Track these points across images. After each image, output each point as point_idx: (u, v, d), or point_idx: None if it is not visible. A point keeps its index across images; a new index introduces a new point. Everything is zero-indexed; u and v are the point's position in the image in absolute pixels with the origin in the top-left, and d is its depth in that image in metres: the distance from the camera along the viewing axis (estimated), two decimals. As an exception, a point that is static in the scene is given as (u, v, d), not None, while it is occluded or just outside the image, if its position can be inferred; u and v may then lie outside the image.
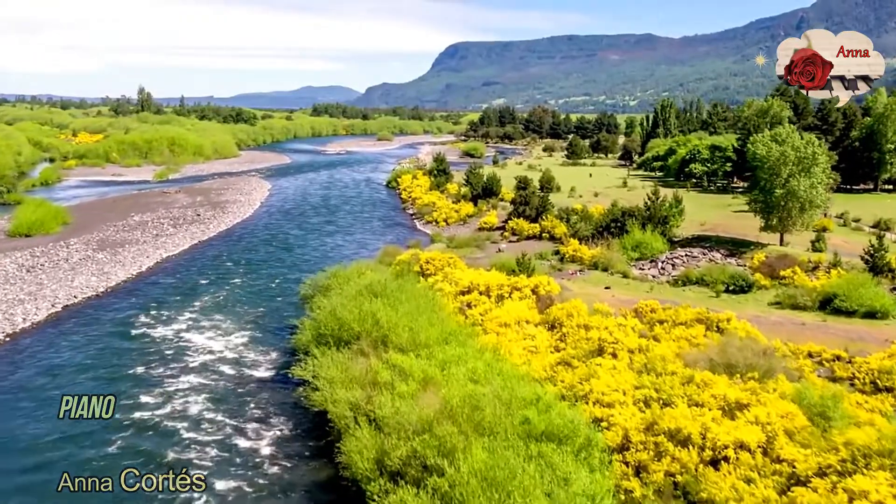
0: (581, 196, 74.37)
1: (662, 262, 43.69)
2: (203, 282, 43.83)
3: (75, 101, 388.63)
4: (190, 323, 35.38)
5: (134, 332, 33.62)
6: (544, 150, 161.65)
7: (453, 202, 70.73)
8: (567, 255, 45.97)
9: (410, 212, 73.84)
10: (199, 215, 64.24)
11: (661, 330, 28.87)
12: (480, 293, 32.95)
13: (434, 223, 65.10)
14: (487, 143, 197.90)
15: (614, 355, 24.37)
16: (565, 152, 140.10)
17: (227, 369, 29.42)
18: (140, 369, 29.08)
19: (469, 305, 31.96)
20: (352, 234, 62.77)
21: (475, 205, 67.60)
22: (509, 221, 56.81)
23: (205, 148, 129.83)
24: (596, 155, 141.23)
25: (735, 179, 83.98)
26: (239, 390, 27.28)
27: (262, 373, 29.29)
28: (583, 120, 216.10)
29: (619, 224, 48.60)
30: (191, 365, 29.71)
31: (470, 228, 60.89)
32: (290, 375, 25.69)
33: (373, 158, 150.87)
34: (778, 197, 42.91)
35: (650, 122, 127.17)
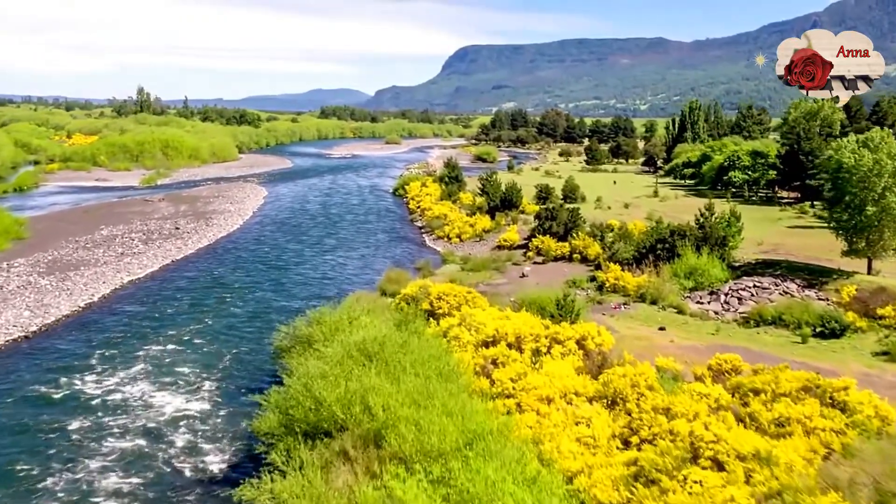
0: (610, 207, 66.54)
1: (726, 295, 35.74)
2: (169, 313, 36.28)
3: (82, 102, 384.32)
4: (138, 377, 27.69)
5: (59, 391, 25.94)
6: (560, 154, 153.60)
7: (467, 214, 62.69)
8: (607, 284, 38.12)
9: (419, 224, 65.98)
10: (177, 228, 56.35)
11: (758, 405, 20.97)
12: (509, 345, 25.10)
13: (446, 239, 57.17)
14: (499, 146, 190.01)
15: (718, 464, 16.54)
16: (583, 157, 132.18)
17: (170, 454, 21.71)
18: (53, 451, 21.47)
19: (494, 363, 24.15)
20: (354, 249, 55.19)
21: (492, 218, 59.65)
22: (533, 239, 48.92)
23: (201, 151, 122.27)
24: (616, 160, 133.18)
25: (778, 189, 75.72)
26: (178, 495, 19.58)
27: (221, 460, 21.55)
28: (598, 123, 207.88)
29: (667, 245, 40.66)
30: (122, 445, 22.03)
31: (487, 246, 53.02)
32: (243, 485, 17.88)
33: (380, 163, 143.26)
34: (870, 216, 34.92)
35: (676, 125, 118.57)
